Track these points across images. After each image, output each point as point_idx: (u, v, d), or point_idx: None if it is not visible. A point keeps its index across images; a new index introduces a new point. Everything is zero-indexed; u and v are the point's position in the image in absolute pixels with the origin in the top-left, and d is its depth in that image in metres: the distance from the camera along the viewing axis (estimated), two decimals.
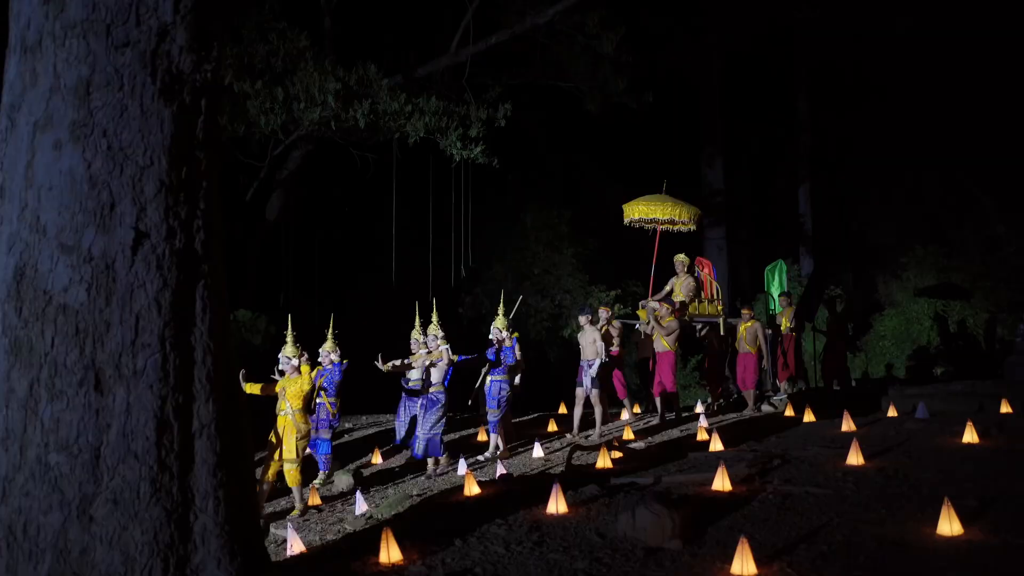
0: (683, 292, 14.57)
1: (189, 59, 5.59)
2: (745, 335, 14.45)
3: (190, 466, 5.38)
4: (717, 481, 7.99)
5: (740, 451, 9.84)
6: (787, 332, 15.36)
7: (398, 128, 15.76)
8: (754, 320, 14.61)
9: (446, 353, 11.07)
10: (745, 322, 14.58)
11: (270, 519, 10.16)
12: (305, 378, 10.02)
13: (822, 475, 8.38)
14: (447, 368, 11.16)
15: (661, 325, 13.21)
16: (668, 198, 15.31)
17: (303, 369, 10.09)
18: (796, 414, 12.92)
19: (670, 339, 13.13)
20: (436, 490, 9.72)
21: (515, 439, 12.85)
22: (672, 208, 15.09)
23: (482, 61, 19.10)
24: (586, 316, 12.67)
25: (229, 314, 5.85)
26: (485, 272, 23.62)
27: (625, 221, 15.57)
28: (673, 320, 13.26)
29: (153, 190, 5.41)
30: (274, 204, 19.37)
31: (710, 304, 14.99)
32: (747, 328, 14.46)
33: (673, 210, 15.09)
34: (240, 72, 14.91)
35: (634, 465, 9.54)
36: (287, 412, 9.86)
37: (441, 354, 11.10)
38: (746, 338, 14.44)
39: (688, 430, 12.55)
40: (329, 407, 11.44)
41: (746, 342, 14.44)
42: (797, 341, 15.62)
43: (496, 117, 16.88)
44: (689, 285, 14.65)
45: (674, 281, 14.86)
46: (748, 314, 14.69)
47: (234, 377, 5.83)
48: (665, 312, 13.32)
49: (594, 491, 7.99)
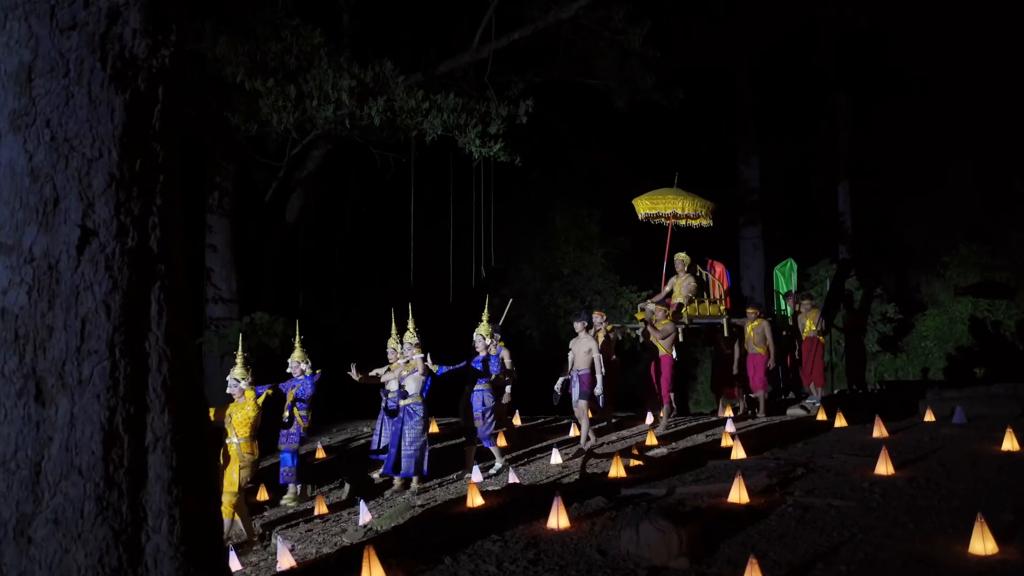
0: (682, 292, 13.99)
1: (144, 43, 5.19)
2: (753, 335, 13.83)
3: (142, 482, 4.97)
4: (733, 492, 7.47)
5: (762, 459, 9.28)
6: (811, 335, 14.55)
7: (415, 126, 15.33)
8: (761, 319, 13.98)
9: (420, 362, 10.44)
10: (752, 322, 13.93)
11: (271, 527, 9.84)
12: (249, 403, 9.27)
13: (847, 486, 7.81)
14: (424, 378, 10.53)
15: (656, 329, 12.60)
16: (679, 192, 14.70)
17: (248, 394, 9.36)
18: (828, 418, 12.30)
19: (666, 343, 12.57)
20: (440, 500, 9.28)
21: (534, 442, 12.38)
22: (682, 201, 14.50)
23: (505, 58, 18.63)
24: (581, 322, 11.79)
25: (190, 317, 5.43)
26: (513, 272, 23.20)
27: (640, 217, 15.00)
28: (668, 323, 12.66)
29: (102, 184, 5.01)
30: (294, 205, 19.05)
31: (712, 305, 14.37)
32: (754, 328, 13.84)
33: (682, 203, 14.49)
34: (253, 70, 14.57)
35: (649, 474, 9.03)
36: (232, 440, 9.11)
37: (415, 364, 10.48)
38: (754, 338, 13.82)
39: (714, 435, 11.99)
40: (300, 420, 10.87)
41: (754, 343, 13.81)
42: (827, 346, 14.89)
43: (517, 114, 16.40)
44: (689, 285, 14.05)
45: (674, 281, 14.27)
46: (754, 313, 14.05)
47: (195, 386, 5.40)
48: (660, 315, 12.72)
49: (601, 503, 7.51)
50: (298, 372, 11.07)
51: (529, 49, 19.09)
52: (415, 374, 10.42)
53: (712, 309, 14.30)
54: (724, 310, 14.31)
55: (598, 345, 11.55)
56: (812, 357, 14.33)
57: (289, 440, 10.82)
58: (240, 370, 9.46)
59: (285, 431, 10.84)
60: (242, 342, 11.26)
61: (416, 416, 10.33)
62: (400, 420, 10.39)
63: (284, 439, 10.85)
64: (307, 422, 10.93)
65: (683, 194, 14.62)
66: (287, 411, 10.85)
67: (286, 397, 10.84)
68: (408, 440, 10.24)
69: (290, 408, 10.83)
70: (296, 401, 10.84)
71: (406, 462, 10.24)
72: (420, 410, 10.39)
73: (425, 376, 10.49)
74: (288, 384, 10.99)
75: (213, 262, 18.23)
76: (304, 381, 10.95)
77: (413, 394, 10.43)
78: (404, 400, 10.41)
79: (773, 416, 13.49)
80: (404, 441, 10.26)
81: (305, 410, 10.89)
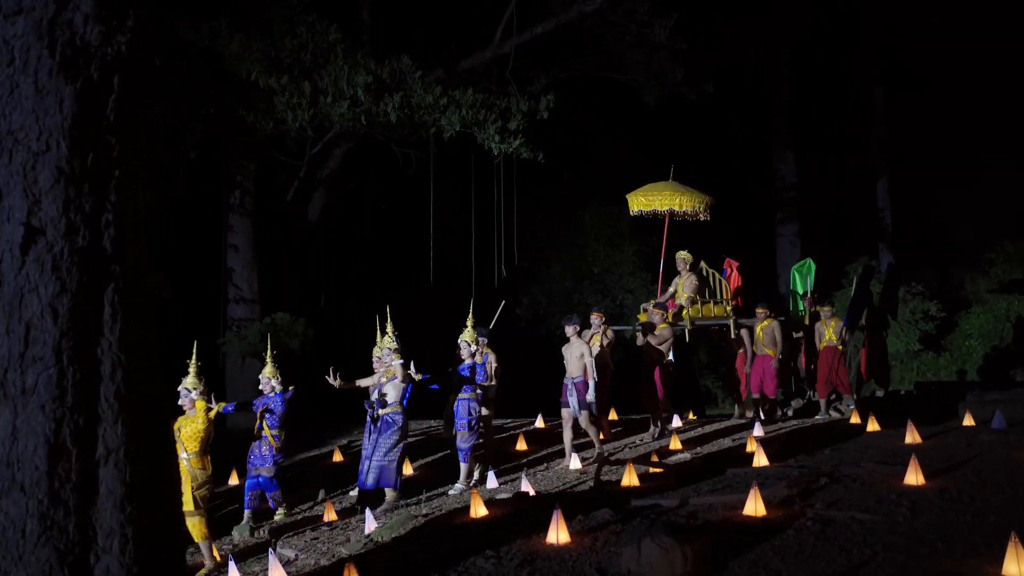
0: (686, 291, 13.38)
1: (96, 29, 4.85)
2: (762, 336, 13.22)
3: (92, 499, 4.63)
4: (749, 504, 6.98)
5: (785, 467, 8.77)
6: (830, 345, 13.66)
7: (433, 122, 14.96)
8: (771, 319, 13.36)
9: (400, 369, 9.86)
10: (761, 322, 13.28)
11: (279, 534, 9.51)
12: (200, 416, 8.77)
13: (873, 497, 7.28)
14: (404, 386, 9.96)
15: (652, 334, 11.95)
16: (675, 186, 14.00)
17: (199, 405, 8.85)
18: (861, 422, 11.72)
19: (662, 348, 11.93)
20: (447, 509, 8.89)
21: (554, 444, 11.92)
22: (679, 197, 13.75)
23: (529, 54, 18.22)
24: (572, 326, 11.03)
25: (151, 321, 5.08)
26: (543, 271, 22.83)
27: (632, 212, 14.31)
28: (665, 328, 12.00)
29: (49, 180, 4.68)
30: (316, 204, 18.77)
31: (717, 305, 13.75)
32: (764, 328, 13.23)
33: (679, 199, 13.74)
34: (268, 67, 14.30)
35: (663, 483, 8.55)
36: (182, 456, 8.54)
37: (394, 370, 9.89)
38: (763, 339, 13.19)
39: (741, 439, 11.47)
40: (272, 440, 10.15)
41: (763, 343, 13.19)
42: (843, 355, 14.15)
43: (538, 109, 15.98)
44: (692, 284, 13.37)
45: (676, 280, 13.65)
46: (763, 313, 13.33)
47: (154, 395, 5.05)
48: (658, 319, 12.05)
49: (607, 516, 7.06)
50: (268, 389, 10.34)
51: (553, 44, 18.69)
52: (394, 381, 9.89)
53: (717, 310, 13.62)
54: (730, 310, 13.68)
55: (591, 350, 10.85)
56: (834, 367, 13.62)
57: (264, 462, 10.16)
58: (192, 379, 8.98)
59: (259, 453, 10.18)
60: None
61: (394, 426, 9.78)
62: (377, 429, 9.84)
63: (260, 461, 10.18)
64: (280, 442, 10.22)
65: (679, 189, 13.92)
66: (257, 429, 10.23)
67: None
68: (383, 450, 9.69)
69: (260, 427, 10.19)
70: (265, 414, 10.20)
71: (384, 474, 9.68)
72: (399, 420, 9.83)
73: (405, 384, 9.94)
74: (259, 401, 10.36)
75: (234, 262, 18.02)
76: (274, 399, 10.28)
77: (392, 403, 9.88)
78: (383, 409, 9.87)
79: (801, 420, 12.94)
80: (378, 451, 9.71)
81: (277, 429, 10.20)
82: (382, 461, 9.67)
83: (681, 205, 13.77)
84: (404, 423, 9.90)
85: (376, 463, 9.68)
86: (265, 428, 10.13)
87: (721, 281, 13.97)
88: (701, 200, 13.89)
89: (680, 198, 13.73)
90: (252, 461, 10.23)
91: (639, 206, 14.03)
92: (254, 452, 10.19)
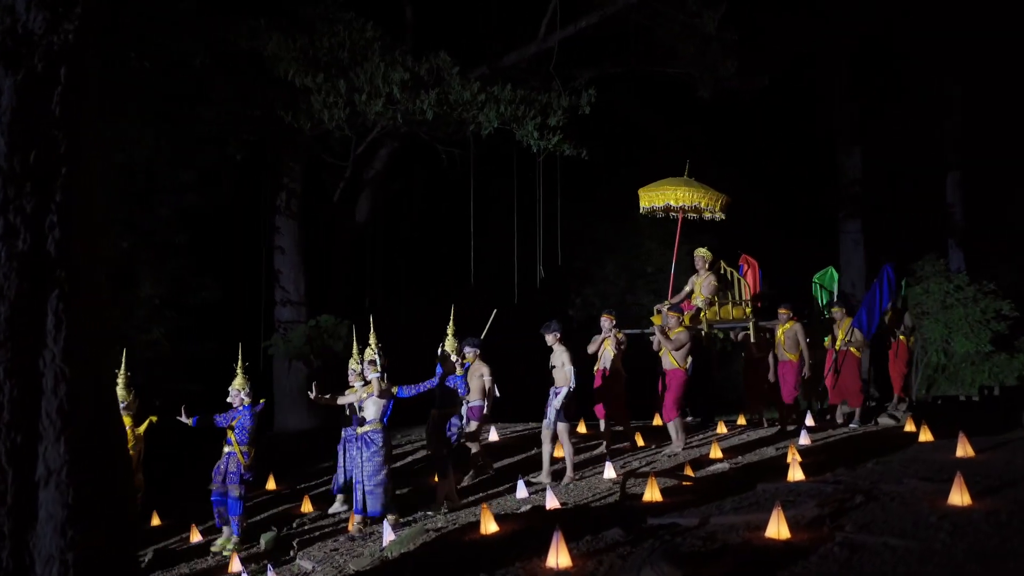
0: (704, 292, 12.67)
1: (40, 17, 4.56)
2: (784, 340, 12.47)
3: (30, 523, 4.32)
4: (772, 526, 6.43)
5: (820, 482, 8.15)
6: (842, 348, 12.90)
7: (471, 119, 14.59)
8: (794, 321, 12.58)
9: (376, 383, 9.18)
10: (783, 324, 12.52)
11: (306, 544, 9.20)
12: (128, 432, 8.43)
13: (911, 519, 6.66)
14: (385, 402, 9.33)
15: (668, 338, 11.05)
16: (685, 181, 13.18)
17: (126, 421, 8.49)
18: (916, 429, 10.99)
19: (679, 355, 11.03)
20: (462, 523, 8.48)
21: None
22: (680, 191, 12.95)
23: (575, 48, 17.77)
24: (552, 334, 10.18)
25: (108, 330, 4.76)
26: (596, 271, 22.38)
27: (641, 210, 13.51)
28: (682, 332, 11.10)
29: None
30: (363, 205, 18.58)
31: (736, 307, 13.02)
32: (786, 331, 12.48)
33: (679, 193, 12.94)
34: (304, 66, 14.08)
35: (687, 499, 8.02)
36: None
37: (374, 386, 9.21)
38: (784, 343, 12.44)
39: (784, 448, 10.83)
40: (241, 457, 9.44)
41: (785, 348, 12.42)
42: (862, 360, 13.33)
43: (580, 104, 15.49)
44: (711, 284, 12.64)
45: (694, 280, 12.95)
46: (786, 315, 12.55)
47: (105, 409, 4.72)
48: (674, 322, 11.18)
49: (617, 536, 6.58)
50: (238, 402, 9.63)
51: (599, 38, 18.23)
52: (373, 396, 9.28)
53: (736, 312, 12.92)
54: (750, 312, 12.97)
55: (571, 357, 10.08)
56: (844, 371, 12.80)
57: (229, 480, 9.57)
58: (122, 391, 8.61)
59: (225, 471, 9.57)
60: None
61: (374, 445, 9.16)
62: (358, 450, 9.22)
63: (229, 479, 9.54)
64: (249, 459, 9.49)
65: (687, 185, 13.10)
66: (226, 446, 9.63)
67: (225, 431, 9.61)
68: (368, 473, 9.09)
69: (229, 443, 9.60)
70: (237, 433, 9.57)
71: (371, 500, 9.08)
72: (379, 438, 9.20)
73: (385, 399, 9.33)
74: (227, 416, 9.70)
75: (281, 264, 17.91)
76: (243, 412, 9.60)
77: (372, 420, 9.25)
78: (361, 427, 9.27)
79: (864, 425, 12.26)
80: (364, 474, 9.10)
81: (247, 445, 9.50)
82: (369, 485, 9.06)
83: (678, 200, 12.97)
84: (386, 441, 9.25)
85: (367, 489, 9.08)
86: (234, 444, 9.53)
87: (740, 281, 13.25)
88: (713, 198, 13.09)
89: (682, 193, 12.94)
90: (216, 479, 9.64)
91: (646, 202, 13.30)
92: (219, 469, 9.61)
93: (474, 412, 10.79)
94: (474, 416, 10.80)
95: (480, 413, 10.75)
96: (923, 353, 18.68)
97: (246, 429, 9.54)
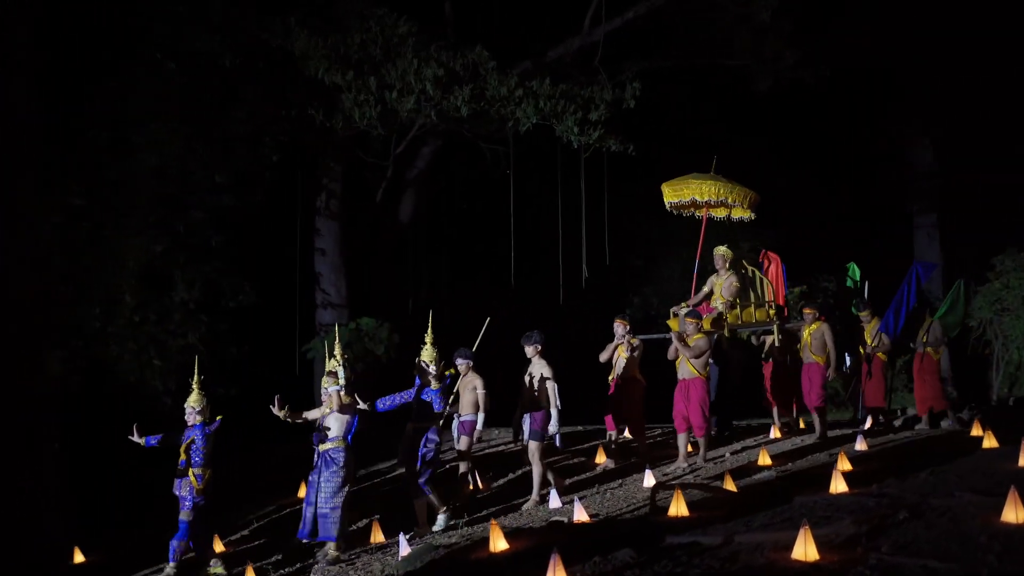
0: (724, 294, 11.84)
1: None
2: (810, 341, 11.65)
3: None
4: (798, 546, 5.81)
5: (863, 495, 7.45)
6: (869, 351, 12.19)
7: (509, 115, 14.11)
8: (820, 322, 11.74)
9: (335, 396, 8.57)
10: (809, 325, 11.72)
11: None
12: None
13: (958, 538, 5.95)
14: (349, 418, 8.66)
15: (687, 345, 10.28)
16: (714, 177, 12.33)
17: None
18: (981, 433, 10.17)
19: (698, 363, 10.30)
20: (476, 538, 7.99)
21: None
22: (715, 187, 12.08)
23: (622, 41, 17.21)
24: (533, 346, 9.50)
25: (33, 343, 4.37)
26: (654, 271, 21.78)
27: (666, 206, 12.75)
28: (701, 338, 10.32)
29: None
30: (407, 205, 18.23)
31: (759, 309, 12.21)
32: (812, 332, 11.66)
33: (714, 189, 12.06)
34: (334, 64, 13.77)
35: (715, 513, 7.40)
36: None
37: (333, 400, 8.59)
38: (811, 345, 11.62)
39: (837, 453, 10.12)
40: (193, 480, 8.79)
41: (811, 349, 11.61)
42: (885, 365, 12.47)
43: (624, 98, 14.89)
44: (732, 285, 11.80)
45: (714, 280, 12.10)
46: (812, 315, 11.78)
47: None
48: (692, 329, 10.38)
49: (628, 557, 6.02)
50: (192, 420, 8.97)
51: (649, 30, 17.61)
52: (336, 412, 8.62)
53: (759, 314, 12.15)
54: (774, 315, 12.19)
55: (552, 372, 9.43)
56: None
57: (182, 506, 8.85)
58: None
59: (180, 495, 8.94)
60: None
61: (335, 465, 8.50)
62: (317, 469, 8.60)
63: (181, 503, 8.92)
64: (202, 483, 8.84)
65: (712, 180, 12.25)
66: (180, 467, 8.95)
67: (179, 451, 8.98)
68: (325, 495, 8.46)
69: (183, 465, 8.87)
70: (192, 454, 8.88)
71: (323, 523, 8.46)
72: (340, 458, 8.53)
73: (348, 415, 8.70)
74: (184, 435, 8.97)
75: (322, 266, 17.69)
76: (195, 432, 8.93)
77: (334, 437, 8.53)
78: (323, 444, 8.61)
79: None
80: (319, 495, 8.49)
81: (200, 467, 8.84)
82: (324, 508, 8.44)
83: (703, 195, 12.16)
84: (348, 460, 8.60)
85: (320, 511, 8.46)
86: (188, 466, 8.88)
87: (763, 280, 12.46)
88: (740, 193, 12.24)
89: (707, 187, 12.10)
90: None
91: (670, 197, 12.54)
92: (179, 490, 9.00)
93: (466, 427, 10.12)
94: (465, 431, 10.12)
95: (472, 428, 9.99)
96: (1004, 351, 17.74)
97: (200, 450, 8.90)
